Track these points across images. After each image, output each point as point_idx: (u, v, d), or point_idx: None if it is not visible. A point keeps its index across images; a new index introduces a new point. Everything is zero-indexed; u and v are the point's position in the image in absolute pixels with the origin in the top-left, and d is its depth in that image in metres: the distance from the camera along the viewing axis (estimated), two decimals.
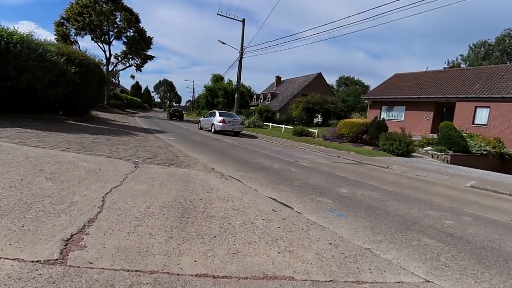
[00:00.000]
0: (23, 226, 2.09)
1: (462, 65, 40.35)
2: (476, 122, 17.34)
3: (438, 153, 13.00)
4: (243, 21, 25.42)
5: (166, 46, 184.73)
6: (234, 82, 33.19)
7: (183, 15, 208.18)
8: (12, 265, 1.62)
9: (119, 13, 29.40)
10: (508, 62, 33.47)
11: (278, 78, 50.49)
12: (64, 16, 27.06)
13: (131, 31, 31.09)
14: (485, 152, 14.22)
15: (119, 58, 32.78)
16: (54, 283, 1.52)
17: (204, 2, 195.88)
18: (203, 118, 18.48)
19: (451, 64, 40.71)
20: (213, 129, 15.82)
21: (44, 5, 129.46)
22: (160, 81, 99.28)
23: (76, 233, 2.12)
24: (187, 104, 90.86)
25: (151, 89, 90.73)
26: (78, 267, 1.71)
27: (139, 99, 59.43)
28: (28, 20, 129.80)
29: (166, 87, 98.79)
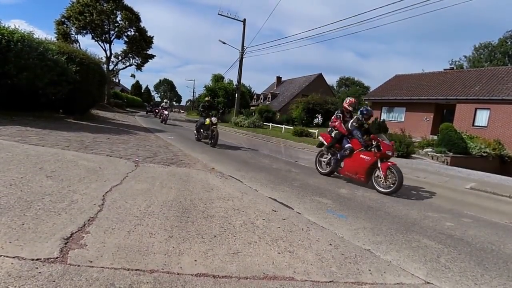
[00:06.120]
0: (23, 224, 2.09)
1: (465, 65, 40.37)
2: (476, 124, 17.34)
3: (438, 154, 13.00)
4: (244, 21, 25.43)
5: (158, 45, 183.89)
6: (234, 82, 33.18)
7: (170, 13, 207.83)
8: (12, 263, 1.61)
9: (119, 12, 29.38)
10: (509, 64, 33.45)
11: (279, 78, 50.48)
12: (65, 14, 27.03)
13: (131, 30, 31.07)
14: (485, 154, 14.22)
15: (120, 57, 32.76)
16: (54, 281, 1.52)
17: (189, 2, 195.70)
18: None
19: (452, 66, 40.70)
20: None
21: (36, 3, 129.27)
22: (160, 80, 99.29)
23: (76, 232, 2.11)
24: (187, 104, 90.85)
25: (151, 88, 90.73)
26: (78, 265, 1.71)
27: (139, 98, 59.32)
28: (19, 19, 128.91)
29: (167, 86, 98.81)
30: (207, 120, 9.38)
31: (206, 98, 11.78)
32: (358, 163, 5.51)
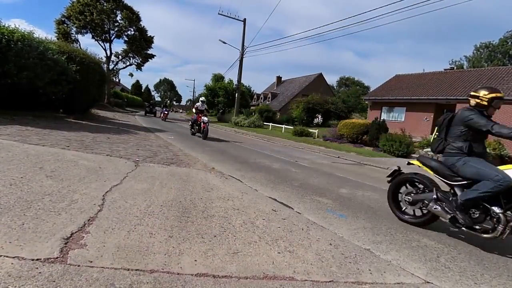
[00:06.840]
0: (23, 224, 2.09)
1: (465, 65, 40.42)
2: None
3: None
4: (244, 20, 25.43)
5: (158, 44, 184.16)
6: (235, 82, 33.16)
7: (170, 12, 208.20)
8: (12, 263, 1.61)
9: (120, 12, 29.37)
10: (509, 64, 33.43)
11: (279, 78, 50.47)
12: (65, 14, 27.04)
13: (132, 29, 31.07)
14: None
15: (120, 56, 32.76)
16: (54, 281, 1.52)
17: (189, 2, 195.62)
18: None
19: (452, 66, 40.71)
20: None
21: (36, 3, 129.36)
22: (160, 80, 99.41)
23: (76, 232, 2.11)
24: (188, 103, 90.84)
25: (151, 88, 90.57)
26: (78, 265, 1.71)
27: (139, 98, 59.19)
28: (19, 18, 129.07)
29: (167, 86, 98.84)
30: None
31: None
32: None
